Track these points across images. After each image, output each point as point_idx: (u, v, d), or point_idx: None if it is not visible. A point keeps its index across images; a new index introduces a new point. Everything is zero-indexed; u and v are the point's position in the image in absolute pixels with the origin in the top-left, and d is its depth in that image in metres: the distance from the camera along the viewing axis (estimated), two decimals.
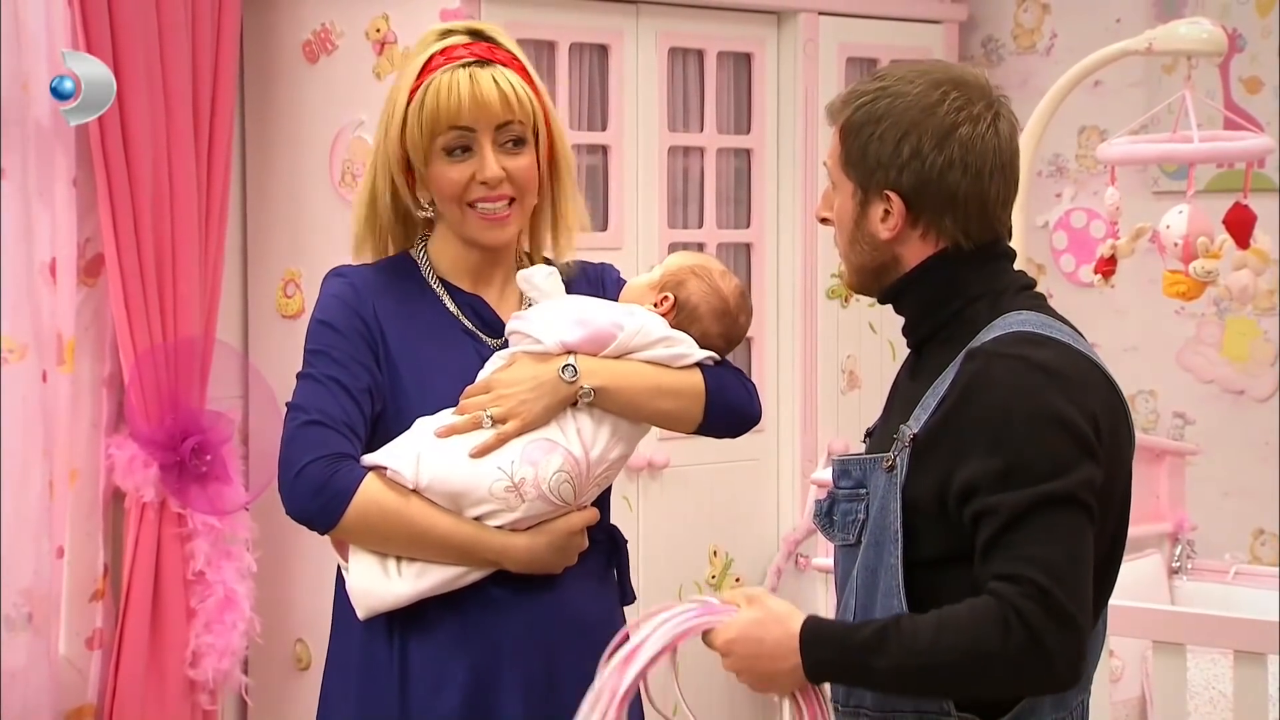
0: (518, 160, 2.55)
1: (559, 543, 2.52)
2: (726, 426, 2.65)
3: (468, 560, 2.49)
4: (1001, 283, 2.27)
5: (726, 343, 2.65)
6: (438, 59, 2.54)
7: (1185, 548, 4.61)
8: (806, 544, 4.72)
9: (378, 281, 2.59)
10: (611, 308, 2.59)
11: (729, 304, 2.64)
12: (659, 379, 2.56)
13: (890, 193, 2.23)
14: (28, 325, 3.98)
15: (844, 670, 2.15)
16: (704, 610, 2.21)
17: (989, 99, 2.24)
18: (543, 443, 2.50)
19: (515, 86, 2.53)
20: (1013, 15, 5.27)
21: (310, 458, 2.46)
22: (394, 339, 2.54)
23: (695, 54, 4.66)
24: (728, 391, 2.62)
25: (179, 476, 4.18)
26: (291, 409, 2.53)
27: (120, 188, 4.08)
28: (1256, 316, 4.87)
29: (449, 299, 2.61)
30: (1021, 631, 2.05)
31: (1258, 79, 4.86)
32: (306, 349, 2.56)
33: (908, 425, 2.20)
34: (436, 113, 2.52)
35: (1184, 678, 3.70)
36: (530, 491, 2.47)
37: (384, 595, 2.49)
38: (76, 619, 4.19)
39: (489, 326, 2.61)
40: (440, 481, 2.47)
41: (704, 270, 2.65)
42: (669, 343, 2.58)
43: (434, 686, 2.50)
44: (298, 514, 2.50)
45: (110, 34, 4.03)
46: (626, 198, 4.50)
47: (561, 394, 2.50)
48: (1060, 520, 2.09)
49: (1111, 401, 2.21)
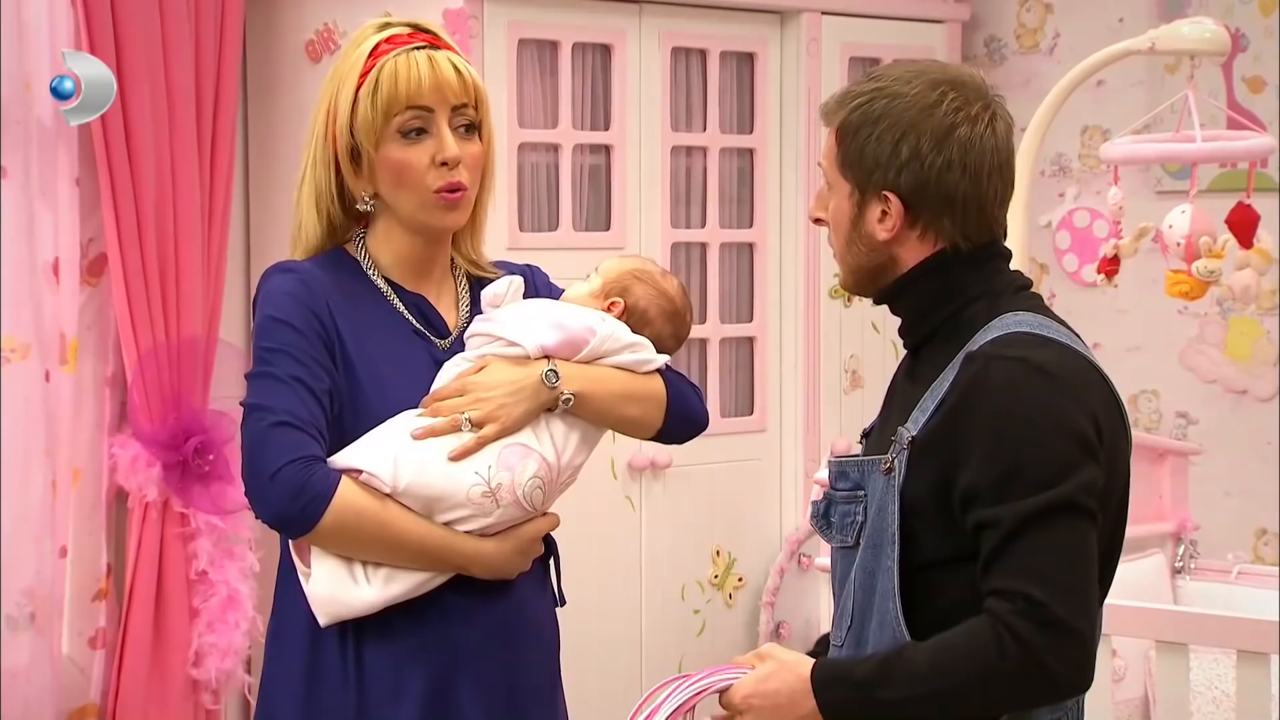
0: (470, 146, 2.51)
1: (523, 548, 2.50)
2: (682, 433, 2.64)
3: (438, 566, 2.45)
4: (999, 283, 2.26)
5: (677, 343, 2.65)
6: (383, 46, 2.49)
7: (1188, 547, 4.61)
8: (809, 544, 4.72)
9: (325, 278, 2.52)
10: (581, 312, 2.57)
11: (676, 304, 2.64)
12: (626, 385, 2.55)
13: (888, 193, 2.23)
14: (30, 325, 3.98)
15: (857, 707, 2.15)
16: (716, 671, 2.23)
17: (986, 99, 2.23)
18: (518, 448, 2.47)
19: (469, 71, 2.51)
20: (1015, 15, 5.27)
21: (285, 460, 2.38)
22: (349, 337, 2.49)
23: (698, 53, 4.66)
24: (685, 398, 2.62)
25: (182, 476, 4.18)
26: (254, 409, 2.43)
27: (123, 187, 4.08)
28: (1259, 316, 4.87)
29: (395, 298, 2.56)
30: (1015, 649, 2.06)
31: (1260, 78, 4.85)
32: (261, 346, 2.47)
33: (906, 428, 2.20)
34: (395, 92, 2.46)
35: (1187, 677, 3.70)
36: (505, 497, 2.45)
37: (350, 602, 2.43)
38: (79, 619, 4.19)
39: (433, 327, 2.57)
40: (418, 485, 2.42)
41: (645, 273, 2.64)
42: (635, 348, 2.57)
43: (392, 696, 2.45)
44: (273, 518, 2.42)
45: (113, 33, 4.03)
46: (629, 197, 4.50)
47: (542, 399, 2.48)
48: (1060, 529, 2.09)
49: (1109, 402, 2.20)
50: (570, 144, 4.42)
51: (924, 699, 2.10)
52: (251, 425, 2.43)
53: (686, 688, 2.20)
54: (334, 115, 2.51)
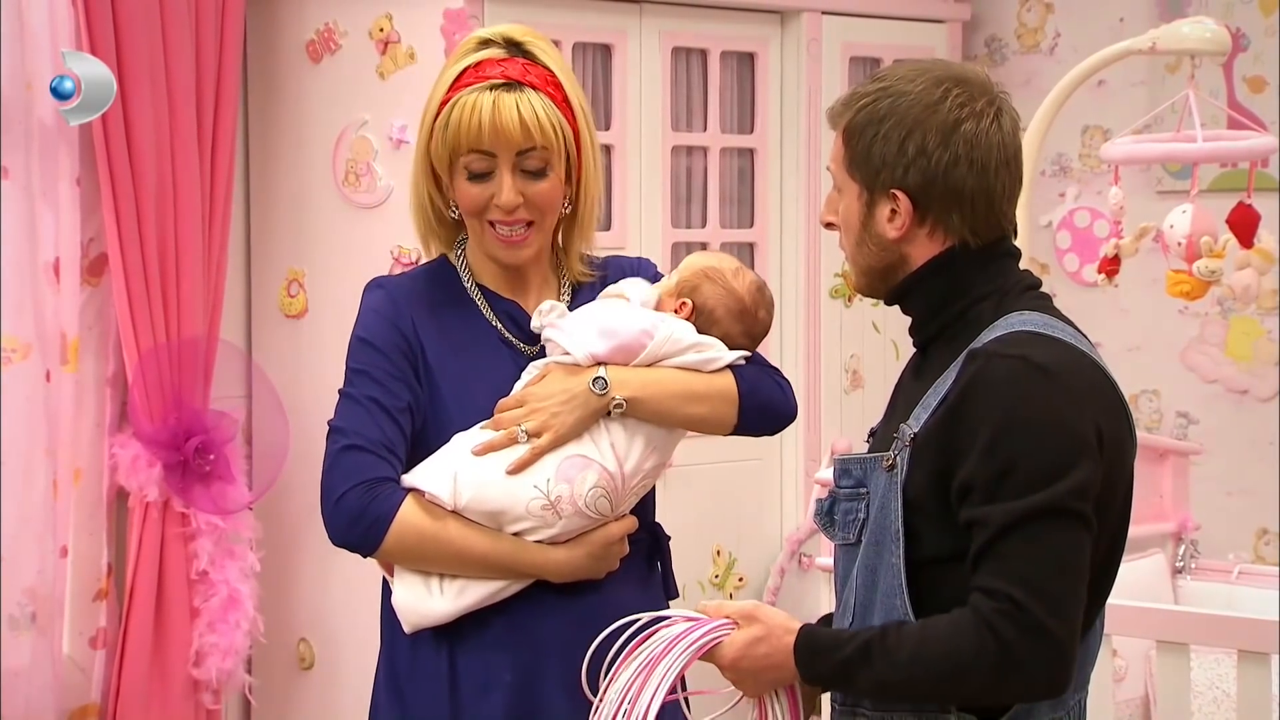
0: (537, 185, 2.54)
1: (598, 553, 2.54)
2: (762, 426, 2.65)
3: (508, 576, 2.51)
4: (1007, 282, 2.27)
5: (751, 340, 2.65)
6: (469, 74, 2.53)
7: (1189, 547, 4.60)
8: (810, 543, 4.72)
9: (415, 291, 2.60)
10: (641, 315, 2.58)
11: (745, 302, 2.64)
12: (689, 384, 2.56)
13: (897, 191, 2.23)
14: (31, 325, 3.98)
15: (836, 682, 2.22)
16: (698, 626, 2.26)
17: (990, 95, 2.24)
18: (577, 459, 2.50)
19: (539, 113, 2.51)
20: (1016, 14, 5.27)
21: (348, 485, 2.47)
22: (432, 352, 2.55)
23: (698, 53, 4.66)
24: (760, 392, 2.61)
25: (182, 476, 4.18)
26: (333, 431, 2.53)
27: (124, 187, 4.08)
28: (1260, 316, 4.87)
29: (486, 307, 2.61)
30: (994, 646, 2.08)
31: (1261, 78, 4.85)
32: (348, 366, 2.56)
33: (908, 424, 2.21)
34: (458, 134, 2.51)
35: (1187, 678, 3.70)
36: (567, 508, 2.49)
37: (427, 612, 2.51)
38: (80, 618, 4.19)
39: (525, 334, 2.60)
40: (478, 501, 2.48)
41: (716, 272, 2.65)
42: (699, 348, 2.58)
43: (482, 688, 2.52)
44: (339, 542, 2.51)
45: (114, 33, 4.03)
46: (630, 197, 4.50)
47: (593, 406, 2.51)
48: (1048, 532, 2.10)
49: (1113, 403, 2.21)
50: None
51: (896, 684, 2.15)
52: (328, 448, 2.53)
53: (678, 654, 2.24)
54: (424, 129, 2.57)
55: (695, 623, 2.27)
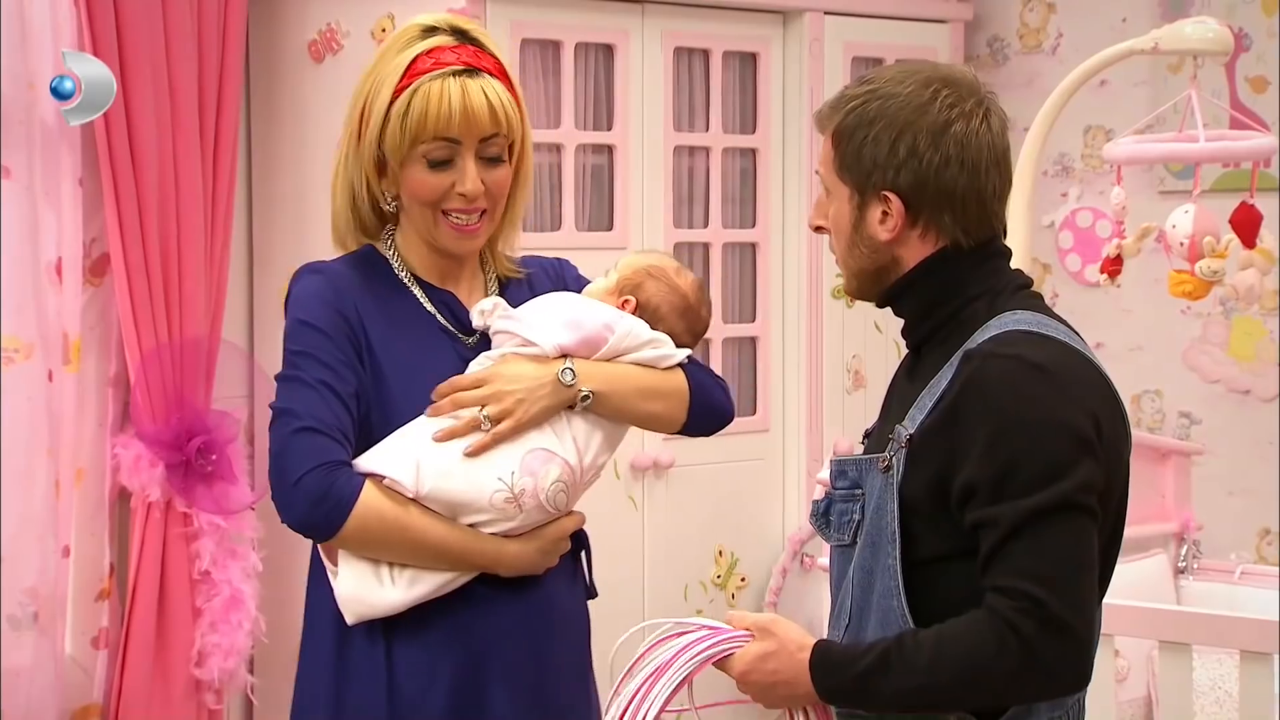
0: (495, 173, 2.52)
1: (548, 548, 2.53)
2: (706, 426, 2.65)
3: (461, 566, 2.48)
4: (1000, 282, 2.27)
5: (693, 338, 2.66)
6: (424, 60, 2.49)
7: (1191, 547, 4.60)
8: (811, 544, 4.72)
9: (352, 277, 2.55)
10: (599, 310, 2.59)
11: (689, 300, 2.65)
12: (648, 381, 2.57)
13: (888, 193, 2.23)
14: (33, 325, 3.98)
15: (854, 696, 2.18)
16: (714, 635, 2.25)
17: (979, 95, 2.24)
18: (541, 453, 2.49)
19: (503, 100, 2.50)
20: (1018, 15, 5.27)
21: (308, 467, 2.42)
22: (376, 338, 2.51)
23: (700, 54, 4.66)
24: (708, 391, 2.63)
25: (185, 476, 4.18)
26: (281, 414, 2.46)
27: (126, 187, 4.08)
28: (1262, 316, 4.86)
29: (423, 296, 2.58)
30: (1016, 645, 2.07)
31: (1263, 78, 4.85)
32: (289, 349, 2.51)
33: (903, 426, 2.21)
34: (424, 121, 2.47)
35: (1189, 677, 3.69)
36: (529, 502, 2.48)
37: (376, 603, 2.47)
38: (82, 618, 4.19)
39: (462, 325, 2.58)
40: (440, 491, 2.45)
41: (659, 270, 2.65)
42: (655, 344, 2.59)
43: (422, 686, 2.48)
44: (297, 524, 2.46)
45: (116, 33, 4.03)
46: (631, 197, 4.50)
47: (561, 397, 2.50)
48: (1058, 528, 2.10)
49: (1109, 400, 2.21)
50: (573, 144, 4.42)
51: (918, 691, 2.12)
52: (277, 431, 2.46)
53: (688, 659, 2.23)
54: (366, 119, 2.52)
55: (712, 631, 2.26)
